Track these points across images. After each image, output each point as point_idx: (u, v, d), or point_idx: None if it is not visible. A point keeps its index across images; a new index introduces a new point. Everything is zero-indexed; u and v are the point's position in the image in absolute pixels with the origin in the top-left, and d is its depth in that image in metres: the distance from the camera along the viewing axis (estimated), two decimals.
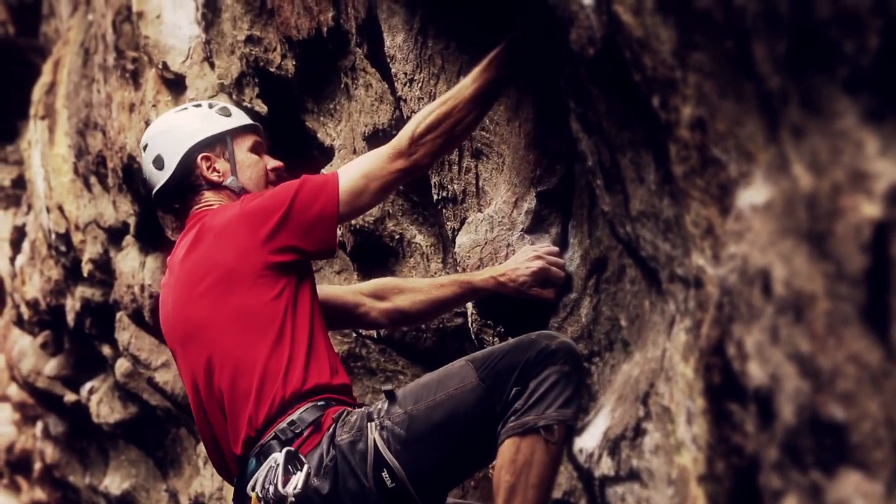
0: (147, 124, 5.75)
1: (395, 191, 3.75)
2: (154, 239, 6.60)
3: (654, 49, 1.73)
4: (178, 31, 5.76)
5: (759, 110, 1.52)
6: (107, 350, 8.49)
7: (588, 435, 2.61)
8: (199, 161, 3.07)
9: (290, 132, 4.66)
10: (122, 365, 7.97)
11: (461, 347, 3.81)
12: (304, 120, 4.58)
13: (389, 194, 3.30)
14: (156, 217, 6.10)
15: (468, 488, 3.92)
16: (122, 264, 7.21)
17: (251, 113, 4.79)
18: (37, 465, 12.58)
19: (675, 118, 1.75)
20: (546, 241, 2.94)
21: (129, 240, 7.17)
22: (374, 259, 4.21)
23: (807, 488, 1.45)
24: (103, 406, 8.75)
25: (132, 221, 6.91)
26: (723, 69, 1.59)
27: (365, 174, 2.85)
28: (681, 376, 2.00)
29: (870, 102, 1.31)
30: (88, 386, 9.21)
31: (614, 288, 2.69)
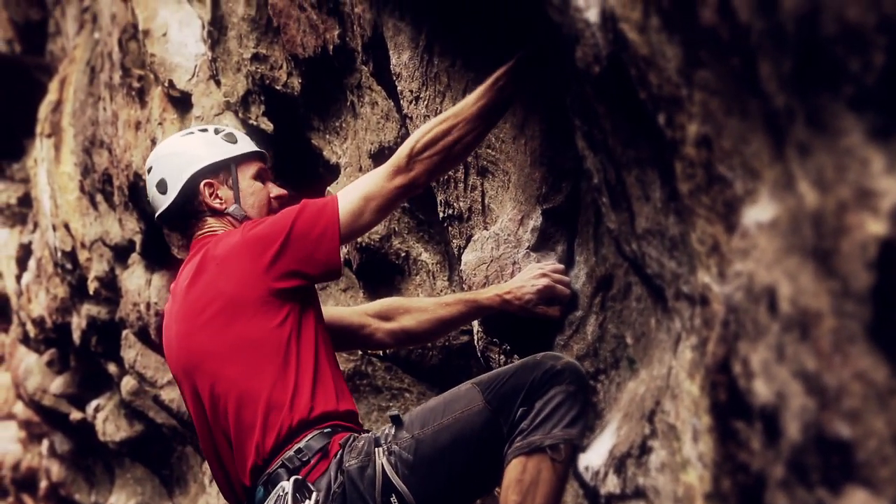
0: (153, 142, 5.78)
1: (398, 208, 3.75)
2: (160, 257, 6.61)
3: (660, 67, 1.73)
4: (184, 49, 5.78)
5: (765, 128, 1.52)
6: (113, 368, 8.49)
7: (594, 453, 2.60)
8: (201, 188, 3.08)
9: (295, 150, 4.67)
10: (127, 383, 7.98)
11: (467, 365, 3.81)
12: (310, 138, 4.58)
13: (390, 212, 3.30)
14: (162, 235, 6.11)
15: None
16: (127, 282, 7.22)
17: (257, 131, 4.80)
18: (42, 484, 12.59)
19: (680, 136, 1.75)
20: (552, 259, 2.93)
21: (134, 258, 7.18)
22: (380, 277, 4.21)
23: None
24: (109, 424, 8.75)
25: (138, 239, 6.92)
26: (728, 87, 1.59)
27: (364, 194, 2.85)
28: (687, 394, 1.99)
29: (875, 120, 1.31)
30: (94, 404, 9.22)
31: (620, 305, 2.68)
